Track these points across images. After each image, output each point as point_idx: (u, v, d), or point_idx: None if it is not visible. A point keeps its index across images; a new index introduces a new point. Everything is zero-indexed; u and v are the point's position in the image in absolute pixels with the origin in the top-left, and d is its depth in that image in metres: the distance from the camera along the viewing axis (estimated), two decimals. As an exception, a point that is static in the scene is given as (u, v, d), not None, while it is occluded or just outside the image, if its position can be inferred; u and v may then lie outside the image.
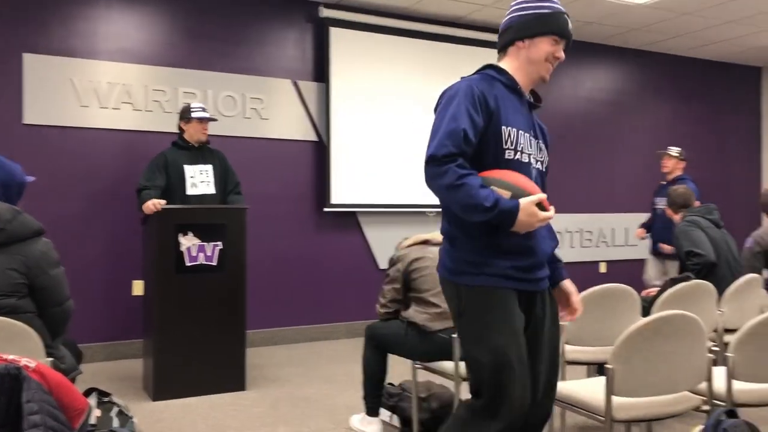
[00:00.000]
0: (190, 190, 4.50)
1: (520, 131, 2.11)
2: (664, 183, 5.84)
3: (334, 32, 5.93)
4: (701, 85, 8.06)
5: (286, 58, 5.86)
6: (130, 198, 5.00)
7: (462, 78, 2.16)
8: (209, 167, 4.60)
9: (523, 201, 1.95)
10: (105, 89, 5.15)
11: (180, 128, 4.62)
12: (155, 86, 5.32)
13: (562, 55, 2.18)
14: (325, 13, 5.87)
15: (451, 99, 2.07)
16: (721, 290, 3.64)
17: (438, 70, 6.40)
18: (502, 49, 2.23)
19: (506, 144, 2.06)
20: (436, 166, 1.97)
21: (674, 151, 5.80)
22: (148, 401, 4.04)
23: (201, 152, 4.60)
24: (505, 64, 2.20)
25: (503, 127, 2.06)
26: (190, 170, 4.53)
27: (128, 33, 5.28)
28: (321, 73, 5.96)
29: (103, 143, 5.18)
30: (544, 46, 2.14)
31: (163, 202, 4.14)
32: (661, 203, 5.68)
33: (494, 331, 1.99)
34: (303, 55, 5.94)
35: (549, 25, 2.13)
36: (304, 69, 5.95)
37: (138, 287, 5.13)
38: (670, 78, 7.84)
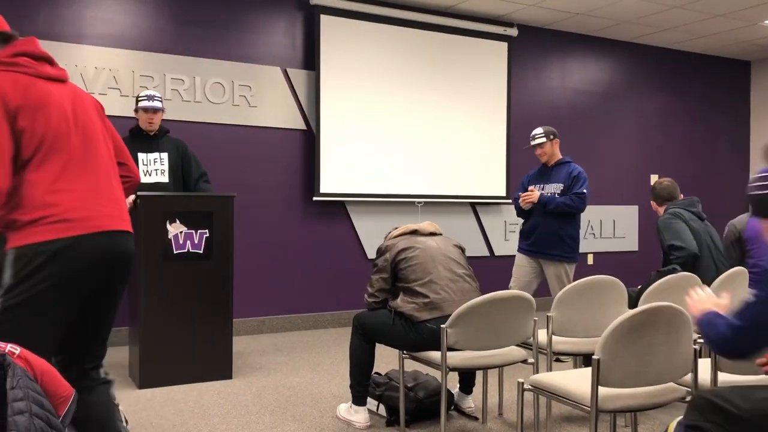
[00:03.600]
0: (144, 179, 4.40)
1: None
2: (548, 167, 4.85)
3: (325, 20, 5.89)
4: (691, 79, 8.09)
5: (275, 45, 5.82)
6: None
7: None
8: (164, 155, 4.53)
9: None
10: (91, 74, 5.09)
11: (136, 116, 4.60)
12: (143, 72, 5.27)
13: None
14: (316, 0, 5.83)
15: None
16: (705, 282, 3.66)
17: (428, 59, 6.39)
18: None
19: None
20: None
21: (540, 135, 4.76)
22: (133, 389, 4.03)
23: (155, 140, 4.54)
24: None
25: None
26: (143, 158, 4.47)
27: (115, 17, 5.22)
28: (311, 60, 5.92)
29: (89, 129, 5.13)
30: None
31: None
32: (541, 191, 4.75)
33: None
34: (293, 42, 5.90)
35: None
36: (294, 56, 5.91)
37: (124, 274, 5.09)
38: (659, 71, 7.86)
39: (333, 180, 5.97)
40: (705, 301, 2.22)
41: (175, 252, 4.09)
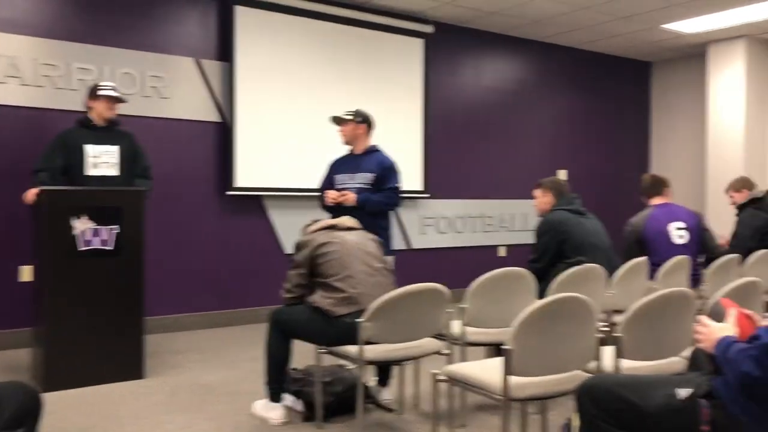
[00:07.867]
0: (91, 171, 4.26)
1: None
2: (356, 154, 4.38)
3: (240, 11, 5.78)
4: (596, 78, 8.43)
5: (188, 35, 5.67)
6: (16, 177, 4.71)
7: None
8: (115, 148, 4.35)
9: None
10: (-11, 61, 4.81)
11: (87, 107, 4.37)
12: (46, 60, 5.02)
13: None
14: (230, -10, 5.71)
15: None
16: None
17: (344, 53, 6.38)
18: None
19: None
20: None
21: (349, 113, 4.36)
22: (37, 392, 3.84)
23: (107, 132, 4.36)
24: None
25: None
26: (92, 150, 4.29)
27: (15, 1, 4.94)
28: (225, 52, 5.80)
29: (-14, 119, 4.84)
30: None
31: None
32: (350, 181, 4.26)
33: None
34: (206, 33, 5.76)
35: None
36: (208, 47, 5.77)
37: (27, 273, 4.85)
38: (567, 69, 8.16)
39: (249, 174, 5.88)
40: (716, 330, 1.94)
41: (80, 249, 3.92)
